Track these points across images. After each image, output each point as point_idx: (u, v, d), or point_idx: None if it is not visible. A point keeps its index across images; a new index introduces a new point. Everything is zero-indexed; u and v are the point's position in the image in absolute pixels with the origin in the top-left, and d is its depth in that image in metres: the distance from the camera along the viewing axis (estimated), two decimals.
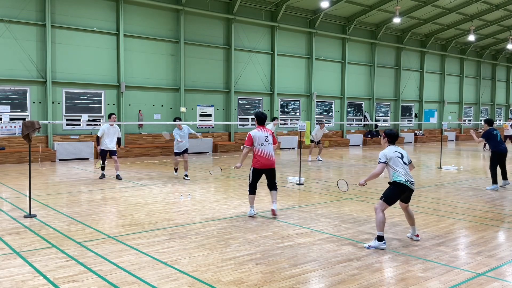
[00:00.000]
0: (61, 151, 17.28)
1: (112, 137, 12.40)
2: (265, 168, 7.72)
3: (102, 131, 12.32)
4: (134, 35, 19.21)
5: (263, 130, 7.78)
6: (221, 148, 21.56)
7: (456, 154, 22.13)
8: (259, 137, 7.68)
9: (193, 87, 21.08)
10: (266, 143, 7.68)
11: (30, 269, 5.17)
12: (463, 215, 8.35)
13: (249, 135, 7.69)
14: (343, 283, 4.89)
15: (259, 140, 7.65)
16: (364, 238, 6.65)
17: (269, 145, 7.71)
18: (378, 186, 11.62)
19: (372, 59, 28.59)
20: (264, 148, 7.65)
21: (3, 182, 11.75)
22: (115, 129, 12.50)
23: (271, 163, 7.74)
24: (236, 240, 6.48)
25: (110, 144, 12.35)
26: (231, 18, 21.74)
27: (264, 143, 7.66)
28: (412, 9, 26.00)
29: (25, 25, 16.79)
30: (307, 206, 8.90)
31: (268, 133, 7.78)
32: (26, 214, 7.86)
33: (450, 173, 14.40)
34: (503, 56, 38.52)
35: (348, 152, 22.72)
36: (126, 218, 7.79)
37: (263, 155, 7.65)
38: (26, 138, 8.05)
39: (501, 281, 5.02)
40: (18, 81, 16.79)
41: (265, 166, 7.70)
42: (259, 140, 7.65)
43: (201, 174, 13.72)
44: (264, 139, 7.68)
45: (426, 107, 32.82)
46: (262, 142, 7.66)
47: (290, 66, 24.62)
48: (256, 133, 7.73)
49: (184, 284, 4.80)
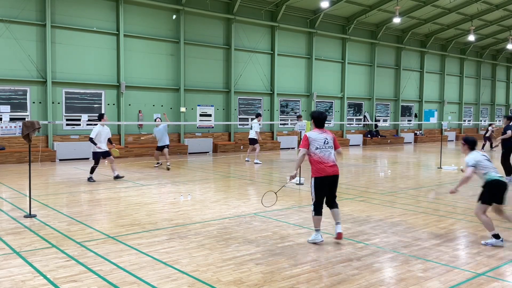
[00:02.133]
0: (61, 151, 17.28)
1: (105, 138, 12.31)
2: (329, 175, 6.38)
3: (95, 133, 12.08)
4: (134, 35, 19.21)
5: (322, 132, 6.54)
6: (221, 148, 21.56)
7: (456, 154, 22.13)
8: (316, 139, 6.43)
9: (193, 87, 21.08)
10: (326, 146, 6.43)
11: (30, 269, 5.17)
12: (463, 215, 8.35)
13: (305, 135, 6.52)
14: (343, 283, 4.89)
15: (316, 143, 6.41)
16: (364, 238, 6.65)
17: (330, 148, 6.45)
18: (378, 186, 11.63)
19: (372, 59, 28.59)
20: (323, 152, 6.40)
21: (3, 182, 11.75)
22: (107, 129, 12.44)
23: (335, 170, 6.43)
24: (236, 240, 6.48)
25: (104, 145, 12.21)
26: (231, 18, 21.74)
27: (323, 146, 6.42)
28: (412, 9, 26.00)
29: (25, 25, 16.79)
30: (307, 206, 8.89)
31: (328, 135, 6.54)
32: (26, 214, 7.86)
33: (450, 173, 14.40)
34: (503, 56, 38.53)
35: (348, 152, 22.72)
36: (126, 218, 7.79)
37: (324, 160, 6.37)
38: (26, 138, 8.05)
39: (501, 281, 5.02)
40: (18, 81, 16.79)
41: (327, 173, 6.37)
42: (316, 143, 6.41)
43: (201, 174, 13.72)
44: (324, 141, 6.44)
45: (426, 107, 32.82)
46: (321, 146, 6.41)
47: (290, 66, 24.62)
48: (313, 134, 6.50)
49: (184, 284, 4.80)
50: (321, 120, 6.60)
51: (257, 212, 8.33)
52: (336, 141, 6.60)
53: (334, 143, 6.55)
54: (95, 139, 12.02)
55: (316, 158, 6.41)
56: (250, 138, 17.26)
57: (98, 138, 12.10)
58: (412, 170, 15.74)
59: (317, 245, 6.28)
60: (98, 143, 12.08)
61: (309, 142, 6.43)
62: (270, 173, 14.37)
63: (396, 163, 17.98)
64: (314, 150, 6.40)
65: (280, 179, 12.99)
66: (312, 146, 6.41)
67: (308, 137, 6.45)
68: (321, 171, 6.36)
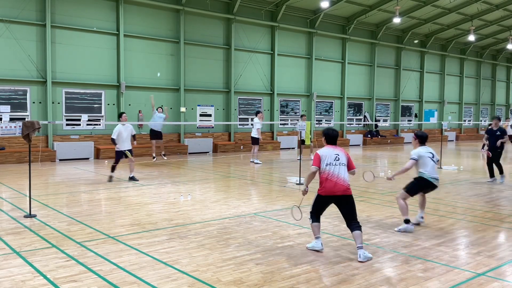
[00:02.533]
0: (61, 151, 17.27)
1: (127, 137, 12.20)
2: (332, 195, 6.02)
3: (116, 132, 12.03)
4: (134, 35, 19.21)
5: (334, 148, 6.24)
6: (221, 148, 21.56)
7: (456, 154, 22.13)
8: (327, 156, 6.12)
9: (193, 87, 21.08)
10: (336, 163, 6.09)
11: (30, 269, 5.17)
12: (463, 215, 8.35)
13: (316, 153, 6.24)
14: (343, 283, 4.89)
15: (327, 159, 6.09)
16: (364, 238, 6.64)
17: (341, 165, 6.08)
18: (378, 186, 11.63)
19: (372, 59, 28.59)
20: (333, 169, 6.04)
21: (3, 182, 11.75)
22: (128, 127, 12.33)
23: (341, 189, 5.99)
24: (236, 240, 6.48)
25: (126, 144, 12.16)
26: (231, 18, 21.74)
27: (333, 162, 6.07)
28: (412, 9, 25.99)
29: (25, 25, 16.79)
30: (307, 206, 8.88)
31: (340, 152, 6.21)
32: (26, 214, 7.86)
33: (450, 173, 14.39)
34: (503, 56, 38.51)
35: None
36: (126, 218, 7.79)
37: (331, 177, 6.01)
38: (26, 138, 8.05)
39: (501, 281, 5.02)
40: (18, 81, 16.78)
41: (333, 193, 5.99)
42: (327, 159, 6.09)
43: (201, 174, 13.72)
44: (334, 157, 6.11)
45: (426, 107, 32.81)
46: (331, 162, 6.08)
47: (290, 66, 24.61)
48: (324, 151, 6.21)
49: (184, 284, 4.80)
50: (332, 137, 6.31)
51: (257, 212, 8.33)
52: (351, 161, 6.22)
53: (348, 162, 6.19)
54: (116, 140, 11.99)
55: (324, 175, 6.05)
56: (252, 137, 17.24)
57: (120, 138, 12.05)
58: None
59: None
60: (120, 143, 12.01)
61: (320, 158, 6.12)
62: (270, 173, 14.37)
63: (396, 163, 17.98)
64: (325, 166, 6.07)
65: (280, 179, 12.99)
66: (322, 163, 6.09)
67: (320, 154, 6.15)
68: (327, 190, 6.02)
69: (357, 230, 5.82)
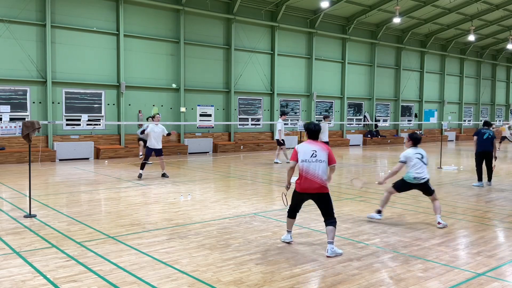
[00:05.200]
0: (61, 151, 17.27)
1: (159, 136, 12.69)
2: (306, 192, 6.00)
3: (148, 128, 12.66)
4: (134, 35, 19.21)
5: (312, 144, 6.08)
6: (221, 148, 21.56)
7: (456, 154, 22.13)
8: (303, 152, 6.01)
9: (193, 87, 21.08)
10: (313, 159, 5.94)
11: (30, 269, 5.17)
12: (463, 215, 8.35)
13: (294, 148, 6.17)
14: (343, 283, 4.89)
15: (303, 155, 5.99)
16: (364, 238, 6.65)
17: (317, 162, 5.93)
18: (378, 185, 11.61)
19: (372, 59, 28.59)
20: (307, 165, 5.93)
21: (3, 182, 11.75)
22: (160, 128, 12.85)
23: (314, 186, 5.91)
24: (236, 240, 6.48)
25: (157, 143, 12.61)
26: (231, 18, 21.74)
27: (309, 159, 5.94)
28: (412, 9, 26.00)
29: (25, 25, 16.79)
30: (307, 206, 8.87)
31: (318, 147, 6.03)
32: (26, 214, 7.86)
33: (450, 173, 14.40)
34: (503, 56, 38.52)
35: (348, 152, 22.72)
36: (126, 218, 7.79)
37: (305, 174, 5.93)
38: (26, 138, 8.05)
39: (501, 281, 5.02)
40: (18, 81, 16.78)
41: (307, 190, 5.97)
42: (303, 155, 5.99)
43: (201, 174, 13.72)
44: (311, 154, 5.95)
45: (426, 107, 32.81)
46: (307, 158, 5.95)
47: (290, 66, 24.61)
48: (301, 146, 6.10)
49: (184, 284, 4.80)
50: (313, 132, 6.17)
51: (257, 212, 8.33)
52: (332, 156, 6.04)
53: (328, 157, 6.01)
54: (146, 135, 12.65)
55: (300, 172, 6.00)
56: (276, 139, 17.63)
57: (152, 136, 12.56)
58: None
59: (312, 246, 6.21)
60: (152, 140, 12.54)
61: (297, 153, 6.06)
62: (270, 173, 14.37)
63: (396, 163, 17.95)
64: (301, 162, 6.00)
65: (280, 179, 12.98)
66: (299, 159, 6.03)
67: (297, 149, 6.11)
68: (302, 186, 6.00)
69: (330, 226, 5.92)
